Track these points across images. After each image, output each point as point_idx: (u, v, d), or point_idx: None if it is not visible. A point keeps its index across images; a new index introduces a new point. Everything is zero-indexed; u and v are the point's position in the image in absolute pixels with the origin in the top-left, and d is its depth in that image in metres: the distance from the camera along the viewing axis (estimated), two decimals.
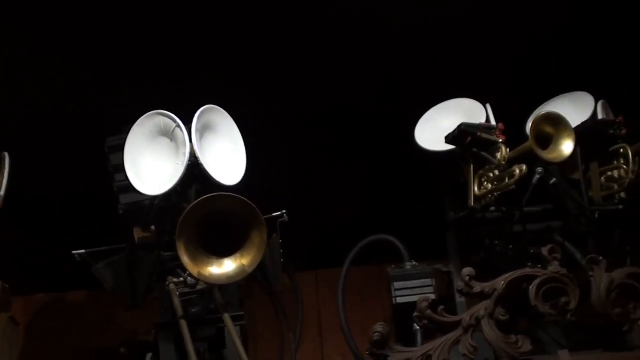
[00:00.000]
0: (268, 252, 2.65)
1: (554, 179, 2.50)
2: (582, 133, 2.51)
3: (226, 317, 2.38)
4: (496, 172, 2.42)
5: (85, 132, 2.81)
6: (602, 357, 2.27)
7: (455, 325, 2.23)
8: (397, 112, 2.78)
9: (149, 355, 2.53)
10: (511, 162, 2.44)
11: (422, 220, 2.77)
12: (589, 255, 2.28)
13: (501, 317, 2.22)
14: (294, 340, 2.80)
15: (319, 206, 3.02)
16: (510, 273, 2.26)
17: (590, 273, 2.25)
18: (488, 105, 2.63)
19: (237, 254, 2.32)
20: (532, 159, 2.44)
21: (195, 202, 2.30)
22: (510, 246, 2.56)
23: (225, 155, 2.55)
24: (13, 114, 2.85)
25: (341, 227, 3.03)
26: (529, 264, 2.39)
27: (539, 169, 2.44)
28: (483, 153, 2.47)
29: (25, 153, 2.63)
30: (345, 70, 2.82)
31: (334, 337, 3.23)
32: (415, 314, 2.24)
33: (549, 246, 2.30)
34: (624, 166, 2.51)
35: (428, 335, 2.40)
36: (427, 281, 2.60)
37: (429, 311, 2.22)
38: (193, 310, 2.54)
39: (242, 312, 2.58)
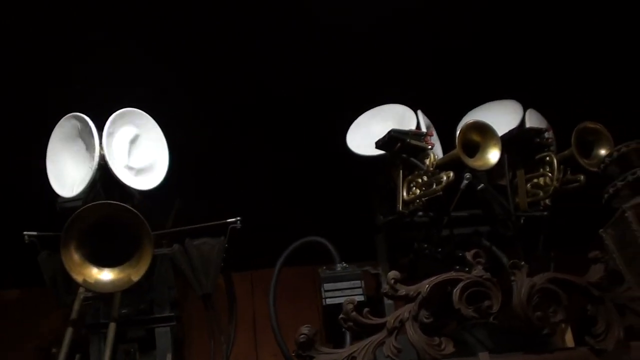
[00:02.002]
0: (202, 254, 2.68)
1: (482, 185, 2.55)
2: (509, 141, 2.58)
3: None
4: (425, 178, 2.47)
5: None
6: (522, 359, 2.31)
7: (380, 327, 2.26)
8: (329, 117, 2.80)
9: (77, 356, 2.53)
10: (441, 168, 2.50)
11: (355, 223, 2.80)
12: (511, 261, 2.34)
13: (425, 320, 2.26)
14: (226, 341, 2.80)
15: (251, 207, 3.03)
16: (435, 277, 2.30)
17: (512, 278, 2.30)
18: (420, 112, 2.67)
19: (126, 264, 2.33)
20: (460, 166, 2.49)
21: (81, 209, 2.31)
22: (439, 250, 2.62)
23: (144, 158, 2.57)
24: None
25: (275, 228, 3.05)
26: (457, 267, 2.42)
27: (467, 175, 2.49)
28: (412, 159, 2.51)
29: None
30: (276, 73, 2.84)
31: (268, 339, 3.22)
32: (341, 316, 2.27)
33: (473, 251, 2.34)
34: (550, 174, 2.57)
35: (358, 337, 2.43)
36: (357, 283, 2.62)
37: (354, 313, 2.25)
38: (123, 311, 2.55)
39: (173, 314, 2.60)
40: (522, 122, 2.68)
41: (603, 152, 2.57)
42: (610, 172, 2.36)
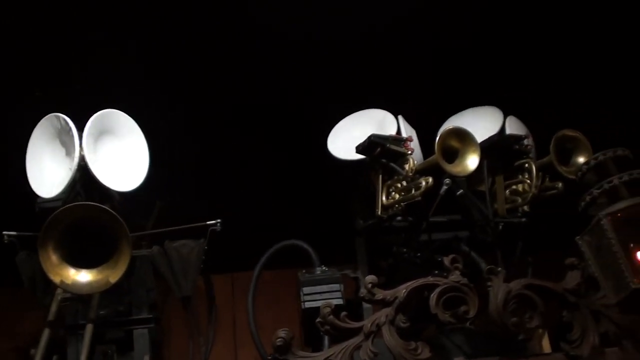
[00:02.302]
0: (182, 256, 2.68)
1: (461, 190, 2.56)
2: (489, 147, 2.60)
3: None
4: (404, 183, 2.48)
5: None
6: None
7: (357, 331, 2.27)
8: (311, 121, 2.81)
9: (55, 357, 2.53)
10: (420, 173, 2.51)
11: (335, 227, 2.80)
12: (488, 267, 2.35)
13: (402, 324, 2.28)
14: (205, 343, 2.80)
15: (232, 210, 3.04)
16: (412, 282, 2.32)
17: (489, 283, 2.32)
18: (400, 117, 2.68)
19: (104, 265, 2.33)
20: (440, 171, 2.50)
21: (59, 210, 2.31)
22: (418, 254, 2.63)
23: (124, 160, 2.57)
24: None
25: (256, 231, 3.05)
26: (436, 272, 2.43)
27: (447, 181, 2.50)
28: (392, 164, 2.52)
29: None
30: (259, 76, 2.84)
31: (249, 341, 3.21)
32: (318, 319, 2.28)
33: (450, 256, 2.36)
34: (528, 181, 2.59)
35: (336, 341, 2.43)
36: (336, 286, 2.61)
37: (331, 317, 2.26)
38: (101, 312, 2.54)
39: (151, 316, 2.59)
40: (502, 128, 2.70)
41: (581, 159, 2.59)
42: (587, 180, 2.37)
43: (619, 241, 2.23)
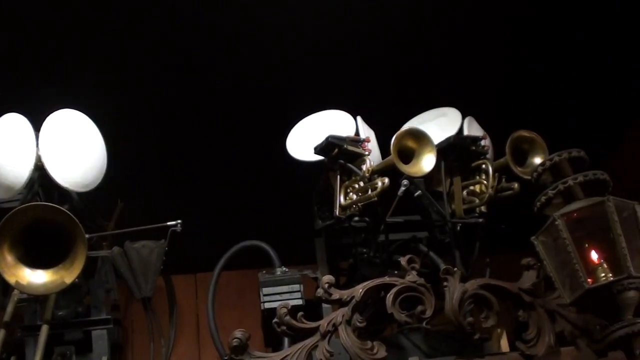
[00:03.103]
0: (142, 257, 2.68)
1: (419, 191, 2.58)
2: (446, 148, 2.61)
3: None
4: (361, 183, 2.49)
5: None
6: None
7: (313, 331, 2.28)
8: (270, 121, 2.82)
9: (12, 358, 2.51)
10: (379, 174, 2.52)
11: (296, 227, 2.81)
12: (444, 267, 2.37)
13: (359, 324, 2.29)
14: (166, 344, 2.80)
15: (194, 210, 3.04)
16: (369, 281, 2.34)
17: (445, 283, 2.33)
18: (359, 118, 2.69)
19: (59, 266, 2.31)
20: (397, 172, 2.51)
21: (13, 211, 2.29)
22: (378, 254, 2.65)
23: (82, 160, 2.55)
24: None
25: (218, 231, 3.05)
26: (396, 272, 2.45)
27: (405, 182, 2.52)
28: (349, 165, 2.53)
29: None
30: (219, 77, 2.84)
31: (212, 342, 3.24)
32: (274, 320, 2.28)
33: (407, 256, 2.38)
34: (485, 181, 2.61)
35: (296, 342, 2.43)
36: (296, 287, 2.61)
37: (287, 317, 2.27)
38: (60, 313, 2.53)
39: (109, 317, 2.59)
40: (461, 129, 2.71)
41: (537, 160, 2.61)
42: (543, 180, 2.39)
43: (574, 241, 2.24)
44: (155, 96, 2.90)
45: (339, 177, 2.53)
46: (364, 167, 2.51)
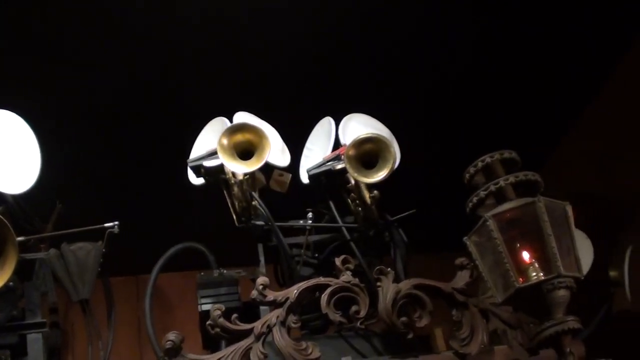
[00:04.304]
0: (78, 259, 2.66)
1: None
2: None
3: None
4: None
5: None
6: None
7: (247, 333, 2.29)
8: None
9: None
10: None
11: (236, 229, 2.81)
12: (377, 267, 2.39)
13: (293, 325, 2.30)
14: (104, 347, 2.78)
15: (135, 212, 3.03)
16: (304, 282, 2.35)
17: (379, 283, 2.36)
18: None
19: None
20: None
21: None
22: (315, 256, 2.66)
23: (14, 162, 2.52)
24: None
25: (159, 233, 3.04)
26: (334, 272, 2.46)
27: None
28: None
29: None
30: (149, 79, 2.84)
31: None
32: (208, 322, 2.28)
33: (342, 257, 2.40)
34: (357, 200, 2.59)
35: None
36: (233, 289, 2.62)
37: (221, 319, 2.27)
38: None
39: (45, 320, 2.56)
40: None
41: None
42: (475, 181, 2.42)
43: (505, 241, 2.27)
44: (90, 95, 2.87)
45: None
46: None
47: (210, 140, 2.59)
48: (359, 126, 2.69)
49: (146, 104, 2.93)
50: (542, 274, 2.24)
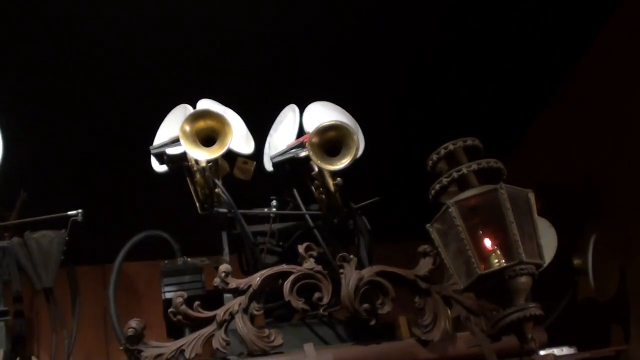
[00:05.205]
0: (41, 247, 2.64)
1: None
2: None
3: None
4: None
5: None
6: (347, 350, 2.36)
7: (210, 320, 2.28)
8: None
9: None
10: None
11: (200, 217, 2.80)
12: (340, 254, 2.39)
13: (256, 312, 2.30)
14: (68, 336, 2.76)
15: (99, 200, 3.02)
16: (267, 269, 2.35)
17: (341, 270, 2.36)
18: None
19: None
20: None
21: None
22: (281, 243, 2.66)
23: None
24: None
25: (126, 222, 3.02)
26: (299, 260, 2.46)
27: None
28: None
29: None
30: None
31: None
32: (170, 309, 2.28)
33: (305, 244, 2.40)
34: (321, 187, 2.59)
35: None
36: (197, 277, 2.62)
37: (183, 307, 2.26)
38: None
39: (6, 309, 2.55)
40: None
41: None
42: (438, 169, 2.42)
43: (467, 229, 2.27)
44: (53, 83, 2.84)
45: None
46: None
47: (173, 128, 2.57)
48: (322, 114, 2.69)
49: (109, 91, 2.90)
50: (503, 261, 2.23)
